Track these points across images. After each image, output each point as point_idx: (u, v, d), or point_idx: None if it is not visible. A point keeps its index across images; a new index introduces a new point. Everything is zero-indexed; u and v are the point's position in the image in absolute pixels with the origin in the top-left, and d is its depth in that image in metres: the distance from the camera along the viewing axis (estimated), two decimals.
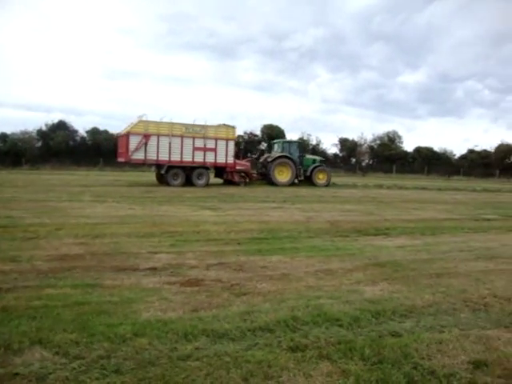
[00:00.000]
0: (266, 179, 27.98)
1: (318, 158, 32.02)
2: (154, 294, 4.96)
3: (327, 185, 29.10)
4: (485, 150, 65.81)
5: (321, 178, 29.16)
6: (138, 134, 23.55)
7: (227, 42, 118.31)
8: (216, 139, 25.33)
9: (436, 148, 66.55)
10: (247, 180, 27.45)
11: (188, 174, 24.47)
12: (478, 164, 62.18)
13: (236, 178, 26.53)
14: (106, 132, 57.11)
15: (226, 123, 27.00)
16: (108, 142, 50.73)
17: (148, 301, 4.70)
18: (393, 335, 3.97)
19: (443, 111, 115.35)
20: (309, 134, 64.46)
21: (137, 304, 4.58)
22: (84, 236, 8.25)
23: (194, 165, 24.68)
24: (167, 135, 24.09)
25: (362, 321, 4.29)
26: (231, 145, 25.94)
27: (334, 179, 31.36)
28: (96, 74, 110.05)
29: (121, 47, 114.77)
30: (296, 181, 28.69)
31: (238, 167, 26.69)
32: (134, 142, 23.43)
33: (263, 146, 63.90)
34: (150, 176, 29.16)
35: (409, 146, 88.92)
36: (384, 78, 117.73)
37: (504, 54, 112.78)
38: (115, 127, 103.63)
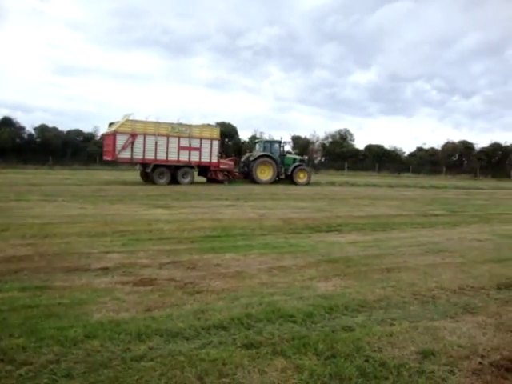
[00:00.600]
0: (249, 177, 28.66)
1: (298, 157, 33.00)
2: (106, 294, 4.86)
3: (307, 183, 29.86)
4: (432, 148, 68.00)
5: (301, 177, 29.96)
6: (125, 133, 23.79)
7: (181, 38, 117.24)
8: (201, 139, 25.88)
9: (386, 146, 68.11)
10: (230, 178, 28.11)
11: (173, 172, 25.01)
12: (426, 161, 64.10)
13: (220, 177, 27.20)
14: (55, 129, 55.44)
15: (211, 123, 28.38)
16: (57, 140, 49.30)
17: (100, 302, 4.60)
18: (345, 330, 4.04)
19: (393, 110, 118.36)
20: (261, 132, 64.61)
21: (88, 305, 4.47)
22: (32, 236, 7.98)
23: (180, 164, 25.20)
24: (153, 134, 24.43)
25: (315, 316, 4.35)
26: (215, 144, 26.43)
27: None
28: (44, 69, 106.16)
29: (70, 42, 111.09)
30: (276, 178, 29.53)
31: (221, 166, 27.25)
32: (121, 140, 23.66)
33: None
34: (104, 175, 28.53)
35: (360, 143, 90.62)
36: (336, 77, 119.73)
37: (449, 56, 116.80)
38: (65, 124, 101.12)
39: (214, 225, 9.99)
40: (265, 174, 28.58)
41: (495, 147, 63.87)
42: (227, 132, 61.40)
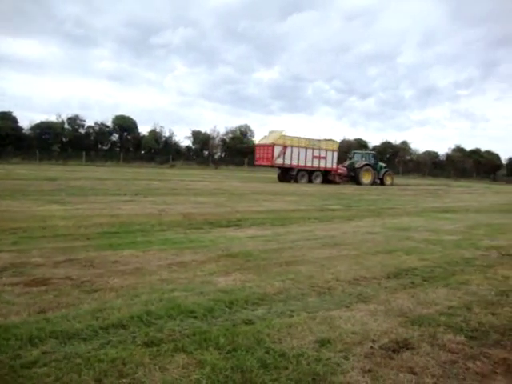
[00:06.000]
0: (354, 181, 36.32)
1: (384, 164, 41.02)
2: None
3: (392, 184, 37.78)
4: None
5: (388, 180, 38.41)
6: (279, 145, 32.32)
7: (82, 28, 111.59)
8: (326, 150, 34.78)
9: None
10: (344, 180, 35.97)
11: (310, 175, 33.82)
12: None
13: (337, 179, 35.24)
14: None
15: (333, 139, 37.56)
16: None
17: None
18: (246, 323, 4.12)
19: (294, 108, 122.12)
20: (161, 126, 63.85)
21: None
22: None
23: (313, 169, 34.06)
24: (297, 147, 33.15)
25: (216, 311, 4.38)
26: (335, 154, 35.56)
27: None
28: None
29: None
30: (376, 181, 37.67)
31: (339, 171, 35.84)
32: (276, 151, 32.20)
33: (115, 137, 61.73)
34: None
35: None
36: (240, 74, 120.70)
37: (347, 60, 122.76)
38: None
39: (112, 221, 9.70)
40: (366, 178, 36.50)
41: (386, 145, 68.03)
42: (126, 125, 59.82)
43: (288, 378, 3.13)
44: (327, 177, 35.12)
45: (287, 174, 33.36)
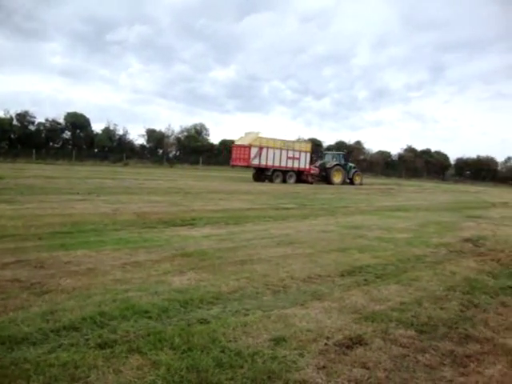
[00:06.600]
0: (326, 180, 37.22)
1: (353, 165, 41.55)
2: None
3: (361, 184, 38.81)
4: None
5: (357, 179, 39.39)
6: (255, 146, 33.03)
7: (33, 21, 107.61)
8: (300, 151, 35.64)
9: None
10: (316, 180, 36.83)
11: (284, 175, 34.56)
12: None
13: (310, 179, 35.97)
14: None
15: (306, 140, 39.68)
16: None
17: None
18: (201, 322, 4.10)
19: (250, 107, 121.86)
20: (115, 124, 62.35)
21: None
22: None
23: (287, 169, 34.82)
24: (273, 148, 34.01)
25: (170, 311, 4.35)
26: (308, 155, 36.31)
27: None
28: None
29: None
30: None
31: (311, 171, 36.47)
32: (253, 151, 32.91)
33: (67, 134, 60.11)
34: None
35: (215, 138, 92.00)
36: (196, 73, 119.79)
37: (303, 60, 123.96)
38: None
39: (65, 220, 9.44)
40: (337, 177, 37.48)
41: (340, 145, 68.91)
42: (79, 123, 58.34)
43: (244, 376, 3.14)
44: (301, 177, 35.97)
45: (262, 174, 34.22)
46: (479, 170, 69.33)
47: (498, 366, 3.59)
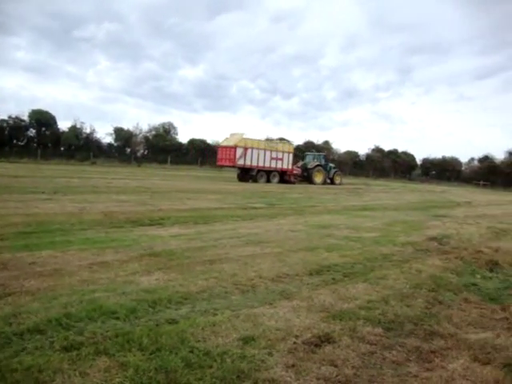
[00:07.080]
0: (308, 180, 38.51)
1: (333, 165, 43.28)
2: None
3: (341, 183, 40.54)
4: None
5: (338, 179, 41.04)
6: (241, 147, 33.94)
7: None
8: (283, 152, 36.99)
9: (209, 140, 69.19)
10: (298, 180, 38.29)
11: (268, 175, 35.73)
12: None
13: (292, 179, 37.22)
14: None
15: (290, 141, 43.43)
16: None
17: None
18: (170, 322, 4.07)
19: (218, 106, 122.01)
20: (82, 122, 61.26)
21: None
22: None
23: (271, 169, 36.02)
24: (257, 148, 35.12)
25: (138, 311, 4.30)
26: (291, 156, 37.78)
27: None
28: None
29: None
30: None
31: (294, 171, 38.01)
32: (238, 152, 33.82)
33: (31, 132, 58.72)
34: None
35: (184, 137, 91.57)
36: (164, 71, 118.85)
37: (272, 60, 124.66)
38: None
39: (29, 220, 9.22)
40: (318, 177, 38.84)
41: (309, 145, 69.44)
42: (44, 120, 57.08)
43: (213, 376, 3.13)
44: (283, 177, 37.07)
45: (247, 174, 35.12)
46: (444, 170, 71.12)
47: (461, 361, 3.68)
